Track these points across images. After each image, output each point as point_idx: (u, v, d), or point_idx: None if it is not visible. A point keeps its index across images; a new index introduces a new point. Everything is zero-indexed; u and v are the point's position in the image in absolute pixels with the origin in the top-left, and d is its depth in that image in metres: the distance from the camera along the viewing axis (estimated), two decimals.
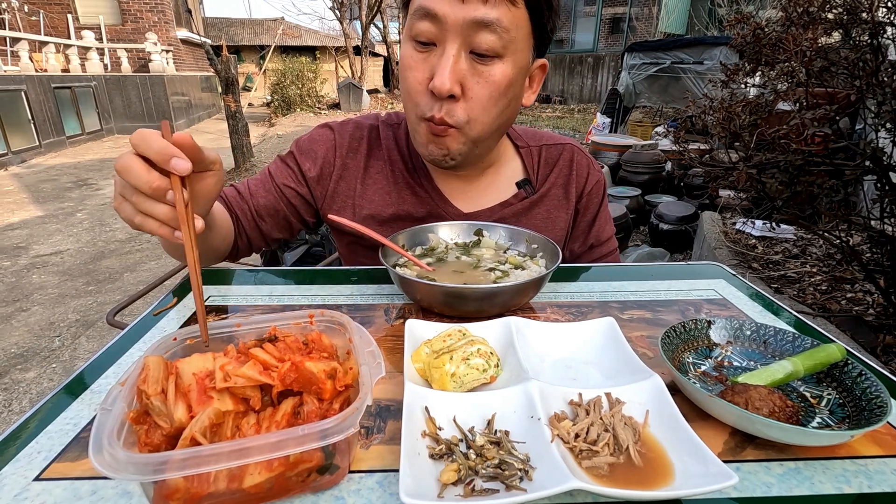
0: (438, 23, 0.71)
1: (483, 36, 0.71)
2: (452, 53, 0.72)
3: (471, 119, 0.76)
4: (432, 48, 0.74)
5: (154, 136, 0.50)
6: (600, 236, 1.01)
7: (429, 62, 0.75)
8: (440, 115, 0.75)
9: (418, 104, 0.77)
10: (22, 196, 5.48)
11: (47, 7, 10.48)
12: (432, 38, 0.73)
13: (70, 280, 3.44)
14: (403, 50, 0.78)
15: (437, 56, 0.73)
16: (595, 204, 1.00)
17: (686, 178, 3.95)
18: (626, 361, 0.55)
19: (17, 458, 0.44)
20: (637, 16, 12.39)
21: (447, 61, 0.72)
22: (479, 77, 0.74)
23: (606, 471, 0.42)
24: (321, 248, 2.22)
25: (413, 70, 0.76)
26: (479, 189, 0.94)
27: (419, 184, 0.92)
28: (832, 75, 1.65)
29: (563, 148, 0.99)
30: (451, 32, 0.71)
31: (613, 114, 6.63)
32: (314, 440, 0.36)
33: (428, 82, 0.74)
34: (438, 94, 0.73)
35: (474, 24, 0.70)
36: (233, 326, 0.50)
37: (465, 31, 0.71)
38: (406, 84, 0.78)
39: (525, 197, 0.95)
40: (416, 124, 0.80)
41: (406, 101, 0.80)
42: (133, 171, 0.50)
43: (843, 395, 0.51)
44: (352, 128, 0.96)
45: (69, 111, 8.37)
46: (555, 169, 0.97)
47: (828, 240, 1.86)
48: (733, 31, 1.89)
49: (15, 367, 2.48)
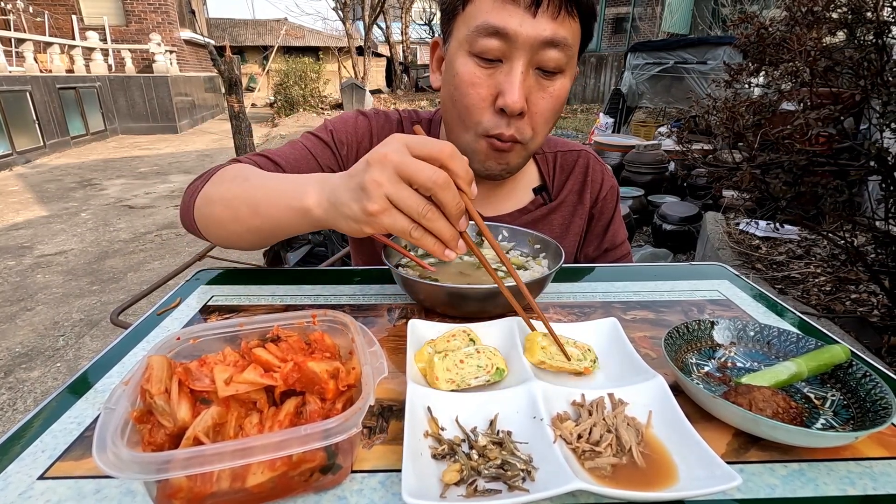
0: (508, 41, 0.70)
1: (550, 53, 0.71)
2: (521, 70, 0.71)
3: (535, 133, 0.77)
4: (498, 65, 0.73)
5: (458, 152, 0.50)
6: (615, 240, 1.02)
7: (494, 79, 0.73)
8: (510, 133, 0.75)
9: (481, 122, 0.76)
10: (26, 196, 5.51)
11: (52, 8, 10.52)
12: (498, 55, 0.72)
13: (74, 280, 3.46)
14: (462, 66, 0.74)
15: (504, 73, 0.72)
16: (609, 209, 1.01)
17: (689, 178, 3.94)
18: (629, 362, 0.55)
19: (21, 457, 0.44)
20: (640, 15, 12.37)
21: (517, 79, 0.71)
22: (543, 92, 0.74)
23: (609, 472, 0.42)
24: (324, 248, 2.22)
25: (477, 87, 0.74)
26: (500, 195, 0.95)
27: None
28: (836, 75, 1.64)
29: (578, 154, 1.00)
30: (520, 50, 0.70)
31: (616, 114, 6.61)
32: (317, 440, 0.36)
33: (493, 99, 0.74)
34: (510, 112, 0.72)
35: (544, 43, 0.70)
36: (236, 326, 0.50)
37: (534, 48, 0.70)
38: (467, 100, 0.75)
39: (542, 203, 0.96)
40: (475, 140, 0.78)
41: (465, 118, 0.78)
42: (453, 191, 0.48)
43: (847, 396, 0.51)
44: (383, 119, 0.96)
45: (73, 112, 8.41)
46: (571, 176, 0.98)
47: (832, 240, 1.85)
48: (737, 30, 1.88)
49: (19, 366, 2.49)
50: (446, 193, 0.48)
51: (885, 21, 1.50)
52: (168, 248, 4.05)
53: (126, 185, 6.04)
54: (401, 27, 19.96)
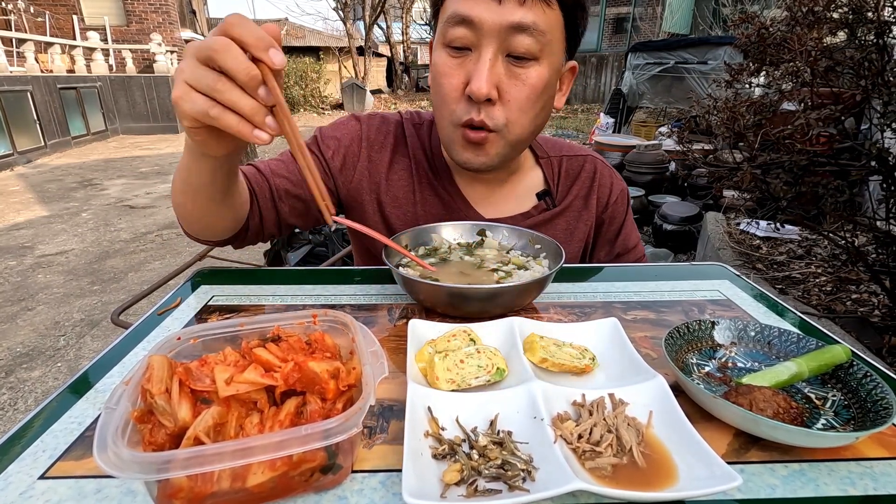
0: (474, 28, 0.71)
1: (519, 39, 0.70)
2: (489, 57, 0.71)
3: (509, 122, 0.76)
4: (467, 53, 0.74)
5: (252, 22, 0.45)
6: (627, 244, 1.01)
7: (464, 67, 0.74)
8: (480, 118, 0.74)
9: (454, 110, 0.76)
10: (27, 196, 5.51)
11: (53, 8, 10.53)
12: (467, 44, 0.73)
13: (75, 280, 3.46)
14: (437, 57, 0.77)
15: (473, 61, 0.73)
16: (621, 213, 1.00)
17: (690, 178, 3.94)
18: (629, 362, 0.55)
19: (22, 457, 0.45)
20: (641, 15, 12.37)
21: (484, 65, 0.71)
22: (515, 80, 0.74)
23: (609, 472, 0.42)
24: (324, 248, 2.22)
25: (448, 76, 0.75)
26: (501, 196, 0.94)
27: (442, 186, 0.92)
28: (837, 75, 1.64)
29: (585, 160, 0.99)
30: (487, 37, 0.71)
31: (617, 114, 6.61)
32: (317, 440, 0.36)
33: (464, 88, 0.74)
34: (476, 99, 0.72)
35: (511, 28, 0.70)
36: (236, 326, 0.50)
37: (502, 34, 0.70)
38: (441, 90, 0.77)
39: (546, 209, 0.95)
40: (452, 131, 0.79)
41: (441, 108, 0.79)
42: (232, 53, 0.45)
43: (848, 396, 0.51)
44: (378, 121, 0.96)
45: (74, 112, 8.41)
46: (577, 182, 0.97)
47: (833, 240, 1.85)
48: (738, 30, 1.88)
49: (20, 366, 2.49)
50: (225, 58, 0.45)
51: (886, 21, 1.50)
52: (169, 248, 4.06)
53: (127, 185, 6.05)
54: (401, 27, 19.95)
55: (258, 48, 0.45)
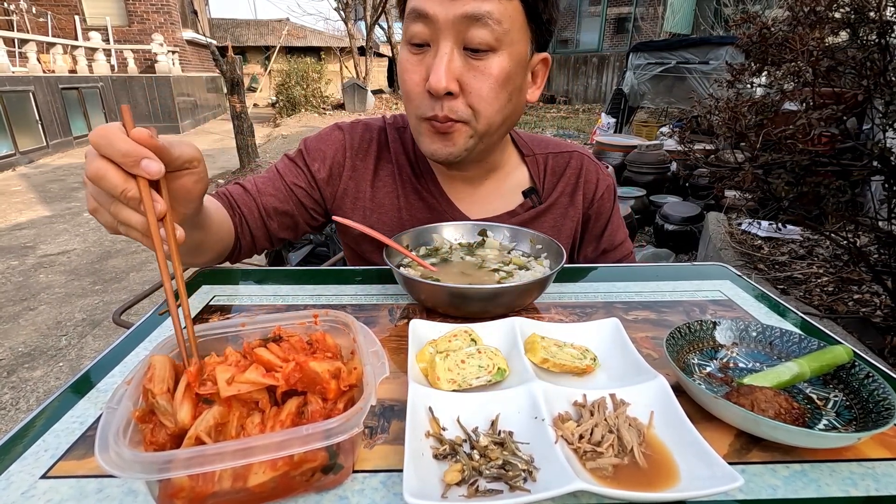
0: (430, 23, 0.71)
1: (475, 30, 0.71)
2: (446, 52, 0.72)
3: (476, 112, 0.76)
4: (427, 49, 0.75)
5: (118, 134, 0.44)
6: (613, 240, 1.00)
7: (424, 63, 0.75)
8: (443, 114, 0.75)
9: (418, 106, 0.77)
10: (29, 196, 5.52)
11: (55, 9, 10.55)
12: (426, 39, 0.73)
13: (77, 279, 3.47)
14: (401, 55, 0.79)
15: (432, 56, 0.74)
16: (607, 209, 0.99)
17: (691, 178, 3.93)
18: (630, 362, 0.55)
19: (23, 457, 0.45)
20: (642, 15, 12.35)
21: (441, 59, 0.72)
22: (475, 72, 0.74)
23: (611, 472, 0.42)
24: (326, 248, 2.23)
25: (410, 73, 0.76)
26: (485, 194, 0.94)
27: (426, 188, 0.92)
28: (839, 75, 1.64)
29: (571, 156, 0.98)
30: (443, 31, 0.71)
31: (618, 114, 6.61)
32: (318, 440, 0.36)
33: (425, 83, 0.74)
34: (435, 93, 0.73)
35: (465, 20, 0.70)
36: (237, 326, 0.50)
37: (457, 27, 0.71)
38: (405, 87, 0.78)
39: (532, 206, 0.94)
40: (418, 125, 0.80)
41: (406, 105, 0.81)
42: (108, 178, 0.44)
43: (849, 397, 0.51)
44: (361, 129, 0.96)
45: (76, 112, 8.43)
46: (562, 179, 0.97)
47: (834, 241, 1.85)
48: (739, 30, 1.88)
49: (22, 365, 2.50)
50: (103, 184, 0.44)
51: (888, 21, 1.50)
52: None
53: None
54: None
55: (127, 165, 0.44)
